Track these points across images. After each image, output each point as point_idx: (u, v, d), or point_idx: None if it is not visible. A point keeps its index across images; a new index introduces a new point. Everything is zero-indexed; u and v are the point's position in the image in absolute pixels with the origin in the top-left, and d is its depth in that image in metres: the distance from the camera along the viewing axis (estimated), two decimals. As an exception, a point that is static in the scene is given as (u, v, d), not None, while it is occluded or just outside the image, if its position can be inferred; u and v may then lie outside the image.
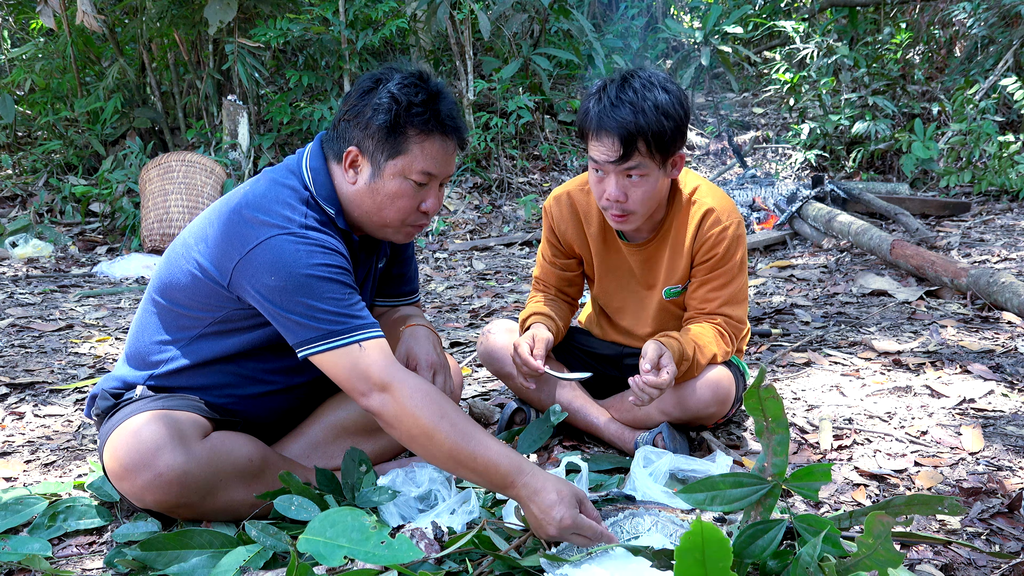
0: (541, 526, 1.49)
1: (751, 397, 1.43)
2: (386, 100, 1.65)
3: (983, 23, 7.44)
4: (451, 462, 1.55)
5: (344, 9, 6.79)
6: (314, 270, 1.60)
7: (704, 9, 8.26)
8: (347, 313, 1.60)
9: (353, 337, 1.59)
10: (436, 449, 1.54)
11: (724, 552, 1.14)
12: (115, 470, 1.61)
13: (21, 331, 3.68)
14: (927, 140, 6.63)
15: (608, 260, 2.18)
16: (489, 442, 1.54)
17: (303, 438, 1.95)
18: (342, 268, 1.64)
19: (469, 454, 1.52)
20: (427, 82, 1.69)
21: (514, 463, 1.52)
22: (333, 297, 1.60)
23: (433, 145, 1.67)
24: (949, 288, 3.71)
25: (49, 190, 6.57)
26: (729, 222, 2.04)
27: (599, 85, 1.93)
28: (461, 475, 1.57)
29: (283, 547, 1.53)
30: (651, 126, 1.86)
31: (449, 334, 3.52)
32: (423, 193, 1.71)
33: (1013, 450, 2.02)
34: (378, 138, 1.66)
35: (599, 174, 1.94)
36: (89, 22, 6.02)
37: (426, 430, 1.54)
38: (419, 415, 1.54)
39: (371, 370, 1.57)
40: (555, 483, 1.50)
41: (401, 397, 1.56)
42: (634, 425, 2.14)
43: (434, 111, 1.67)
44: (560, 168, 7.37)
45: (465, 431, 1.54)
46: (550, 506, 1.47)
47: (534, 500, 1.49)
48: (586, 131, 1.92)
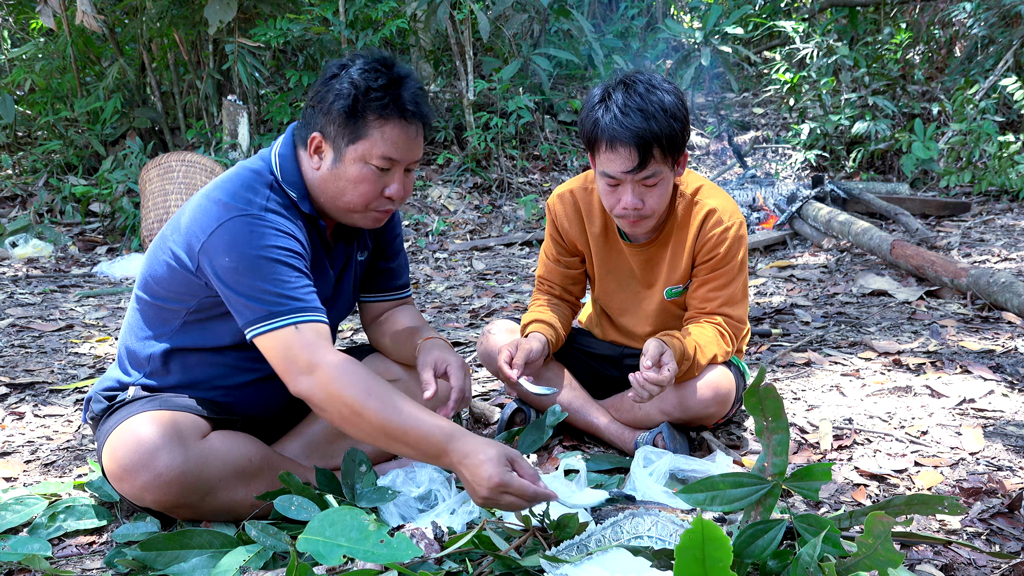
0: (474, 490, 1.48)
1: (751, 397, 1.43)
2: (346, 86, 1.65)
3: (983, 23, 7.44)
4: (384, 438, 1.54)
5: (344, 9, 6.79)
6: (264, 251, 1.61)
7: (704, 9, 8.26)
8: (289, 295, 1.60)
9: (291, 319, 1.58)
10: (367, 426, 1.53)
11: (724, 551, 1.14)
12: (114, 471, 1.61)
13: (21, 331, 3.68)
14: (927, 140, 6.63)
15: (609, 260, 2.18)
16: (420, 414, 1.54)
17: (303, 438, 1.95)
18: (294, 252, 1.64)
19: (400, 428, 1.52)
20: (389, 67, 1.68)
21: (445, 431, 1.52)
22: (280, 279, 1.60)
23: (393, 130, 1.66)
24: (949, 288, 3.71)
25: (49, 190, 6.57)
26: (731, 222, 2.04)
27: (601, 93, 1.90)
28: (395, 450, 1.56)
29: (283, 547, 1.53)
30: (663, 131, 1.85)
31: (449, 334, 3.52)
32: (386, 178, 1.70)
33: (1013, 450, 2.02)
34: (339, 123, 1.66)
35: (611, 185, 1.92)
36: (89, 22, 6.02)
37: (355, 408, 1.53)
38: (346, 394, 1.53)
39: (300, 353, 1.56)
40: (485, 445, 1.49)
41: (328, 378, 1.55)
42: (634, 425, 2.14)
43: (394, 96, 1.65)
44: (560, 168, 7.37)
45: (395, 405, 1.53)
46: (478, 466, 1.46)
47: (465, 464, 1.49)
48: (596, 142, 1.89)
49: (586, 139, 1.93)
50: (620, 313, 2.26)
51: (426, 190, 6.89)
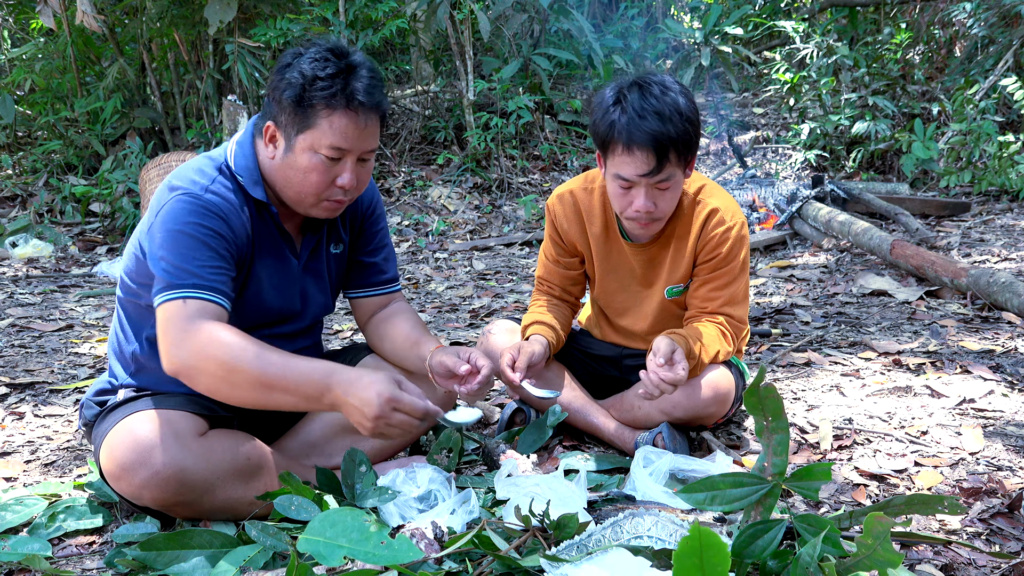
0: (364, 415, 1.48)
1: (751, 397, 1.43)
2: (296, 75, 1.64)
3: (983, 23, 7.44)
4: (263, 390, 1.52)
5: (344, 9, 6.79)
6: (185, 227, 1.61)
7: (704, 9, 8.26)
8: (191, 271, 1.59)
9: (182, 293, 1.57)
10: (243, 381, 1.51)
11: (722, 556, 1.14)
12: (112, 470, 1.61)
13: (21, 331, 3.68)
14: (927, 140, 6.63)
15: (610, 260, 2.18)
16: (296, 360, 1.53)
17: (302, 437, 1.95)
18: (216, 232, 1.64)
19: (277, 375, 1.51)
20: (340, 56, 1.66)
21: (324, 368, 1.52)
22: (190, 255, 1.60)
23: (341, 119, 1.64)
24: (949, 288, 3.71)
25: (49, 190, 6.57)
26: (733, 222, 2.05)
27: (615, 94, 1.89)
28: (278, 403, 1.54)
29: (283, 547, 1.53)
30: (679, 134, 1.85)
31: (449, 334, 3.52)
32: (337, 168, 1.68)
33: (1013, 450, 2.02)
34: (289, 112, 1.65)
35: (623, 187, 1.91)
36: (89, 22, 6.02)
37: (227, 366, 1.51)
38: (216, 354, 1.52)
39: (178, 322, 1.55)
40: (369, 371, 1.51)
41: (198, 344, 1.53)
42: (634, 425, 2.14)
43: (342, 85, 1.63)
44: (560, 168, 7.37)
45: (268, 357, 1.52)
46: (366, 387, 1.47)
47: (351, 392, 1.49)
48: (611, 144, 1.88)
49: (600, 141, 1.92)
50: (620, 313, 2.26)
51: (426, 190, 6.89)
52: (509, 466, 1.84)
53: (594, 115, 1.93)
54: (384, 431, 1.53)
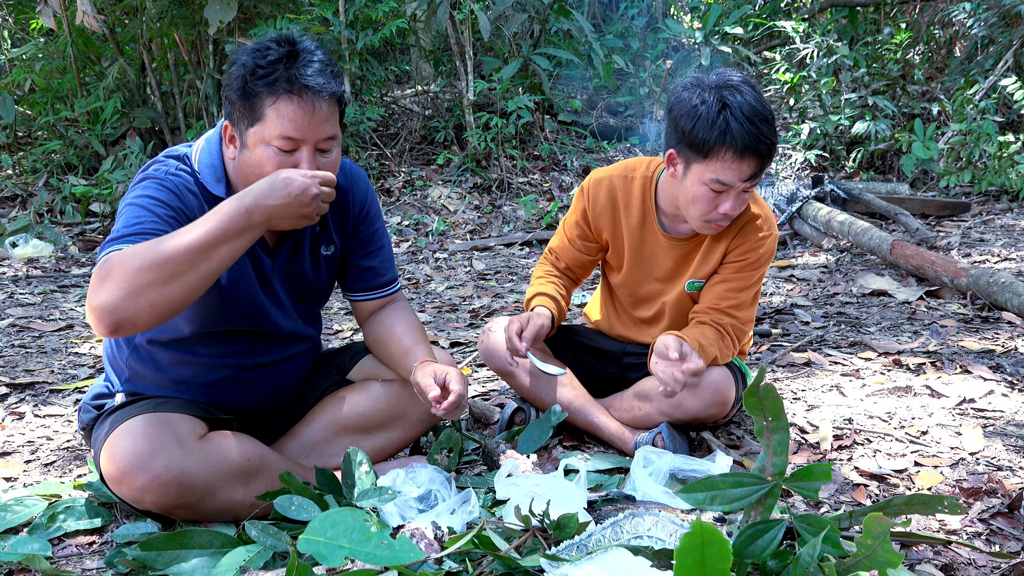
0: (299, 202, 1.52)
1: (751, 397, 1.43)
2: (239, 68, 1.60)
3: (983, 23, 7.44)
4: (200, 257, 1.47)
5: (344, 9, 6.79)
6: (136, 199, 1.60)
7: (704, 9, 8.26)
8: (125, 231, 1.55)
9: (107, 250, 1.51)
10: (179, 264, 1.45)
11: (724, 553, 1.14)
12: (113, 474, 1.60)
13: (21, 331, 3.67)
14: (927, 140, 6.63)
15: (643, 251, 2.18)
16: (207, 216, 1.51)
17: (301, 438, 1.95)
18: (162, 202, 1.61)
19: (204, 234, 1.47)
20: (285, 43, 1.60)
21: (233, 197, 1.52)
22: (132, 220, 1.57)
23: (287, 107, 1.57)
24: (949, 288, 3.71)
25: (49, 190, 6.57)
26: (769, 232, 2.08)
27: (716, 100, 1.86)
28: (222, 257, 1.49)
29: (283, 547, 1.53)
30: (776, 139, 1.89)
31: (449, 334, 3.52)
32: (293, 160, 1.60)
33: (1013, 450, 2.02)
34: (238, 107, 1.61)
35: (716, 191, 1.91)
36: (89, 22, 6.02)
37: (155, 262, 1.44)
38: (135, 265, 1.44)
39: (94, 276, 1.47)
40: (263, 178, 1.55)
41: (112, 275, 1.44)
42: (634, 425, 2.14)
43: (284, 69, 1.56)
44: (560, 168, 7.37)
45: (179, 233, 1.48)
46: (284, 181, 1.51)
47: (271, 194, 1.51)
48: (719, 150, 1.86)
49: (703, 146, 1.87)
50: (639, 304, 2.25)
51: (426, 190, 6.89)
52: (509, 466, 1.84)
53: (689, 121, 1.88)
54: (320, 209, 1.55)
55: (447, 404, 1.73)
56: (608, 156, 7.69)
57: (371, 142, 7.33)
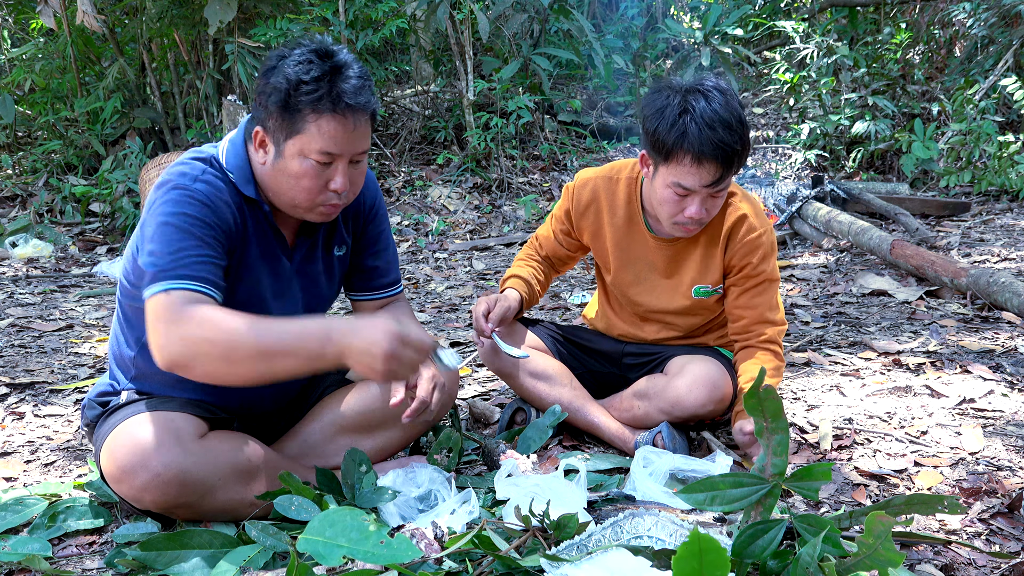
0: (373, 355, 1.45)
1: (751, 398, 1.43)
2: (280, 80, 1.60)
3: (983, 23, 7.44)
4: (264, 359, 1.48)
5: (344, 9, 6.79)
6: (172, 218, 1.59)
7: (704, 9, 8.25)
8: (177, 260, 1.55)
9: (168, 284, 1.53)
10: (242, 356, 1.47)
11: (722, 561, 1.15)
12: (113, 472, 1.61)
13: (21, 331, 3.67)
14: (927, 140, 6.63)
15: (631, 251, 2.17)
16: (290, 322, 1.50)
17: (301, 438, 1.95)
18: (203, 222, 1.60)
19: (275, 339, 1.47)
20: (326, 57, 1.62)
21: (322, 323, 1.50)
22: (177, 245, 1.56)
23: (329, 123, 1.60)
24: (949, 288, 3.71)
25: (49, 190, 6.57)
26: (762, 229, 2.08)
27: (680, 103, 1.87)
28: (281, 368, 1.49)
29: (283, 547, 1.53)
30: (743, 144, 1.87)
31: (449, 334, 3.52)
32: (329, 172, 1.65)
33: (1013, 450, 2.02)
34: (276, 117, 1.62)
35: (680, 195, 1.92)
36: (89, 22, 6.02)
37: (222, 344, 1.47)
38: (209, 336, 1.47)
39: (166, 312, 1.50)
40: (366, 317, 1.51)
41: (189, 328, 1.48)
42: (634, 424, 2.14)
43: (328, 88, 1.59)
44: (560, 168, 7.37)
45: (262, 325, 1.49)
46: (371, 328, 1.46)
47: (355, 336, 1.46)
48: (678, 154, 1.86)
49: (663, 149, 1.89)
50: (636, 304, 2.25)
51: (426, 190, 6.89)
52: (509, 466, 1.84)
53: (654, 122, 1.90)
54: (396, 369, 1.49)
55: (410, 412, 1.73)
56: (608, 156, 7.68)
57: (371, 142, 7.33)
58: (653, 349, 2.27)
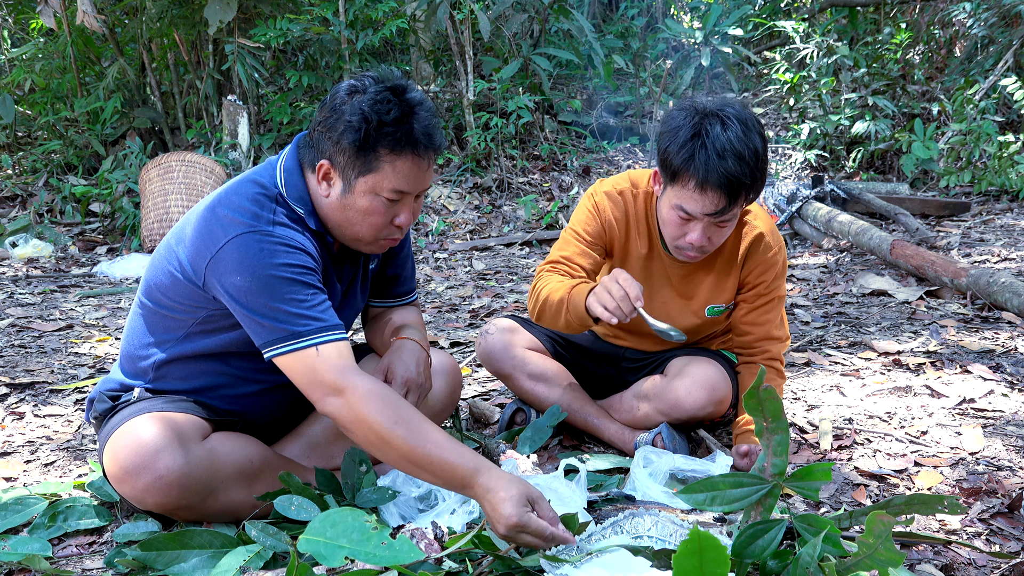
0: (495, 525, 1.47)
1: (751, 399, 1.43)
2: (357, 118, 1.60)
3: (983, 23, 7.44)
4: (408, 465, 1.53)
5: (344, 9, 6.79)
6: (277, 270, 1.58)
7: (704, 9, 8.25)
8: (308, 315, 1.58)
9: (312, 340, 1.56)
10: (393, 452, 1.53)
11: (722, 559, 1.15)
12: (115, 473, 1.61)
13: (21, 331, 3.67)
14: (927, 140, 6.63)
15: (648, 268, 2.13)
16: (445, 444, 1.52)
17: (303, 438, 1.95)
18: (306, 268, 1.62)
19: (425, 456, 1.51)
20: (401, 96, 1.63)
21: (470, 464, 1.51)
22: (295, 298, 1.58)
23: (405, 163, 1.62)
24: (949, 288, 3.71)
25: (49, 190, 6.57)
26: (777, 247, 2.07)
27: (693, 124, 1.80)
28: (418, 476, 1.55)
29: (283, 547, 1.53)
30: (754, 179, 1.81)
31: (449, 334, 3.51)
32: (396, 208, 1.68)
33: (1013, 450, 2.02)
34: (349, 154, 1.62)
35: (683, 219, 1.87)
36: (89, 22, 6.02)
37: (381, 435, 1.52)
38: (372, 420, 1.52)
39: (326, 375, 1.55)
40: (508, 481, 1.48)
41: (354, 402, 1.53)
42: (633, 425, 2.14)
43: (406, 130, 1.60)
44: (560, 168, 7.37)
45: (421, 433, 1.52)
46: (500, 503, 1.45)
47: (487, 498, 1.48)
48: (682, 177, 1.81)
49: (670, 169, 1.84)
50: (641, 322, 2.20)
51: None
52: (509, 466, 1.84)
53: (667, 140, 1.84)
54: (515, 539, 1.49)
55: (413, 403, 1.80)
56: (608, 156, 7.68)
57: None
58: (652, 353, 2.26)
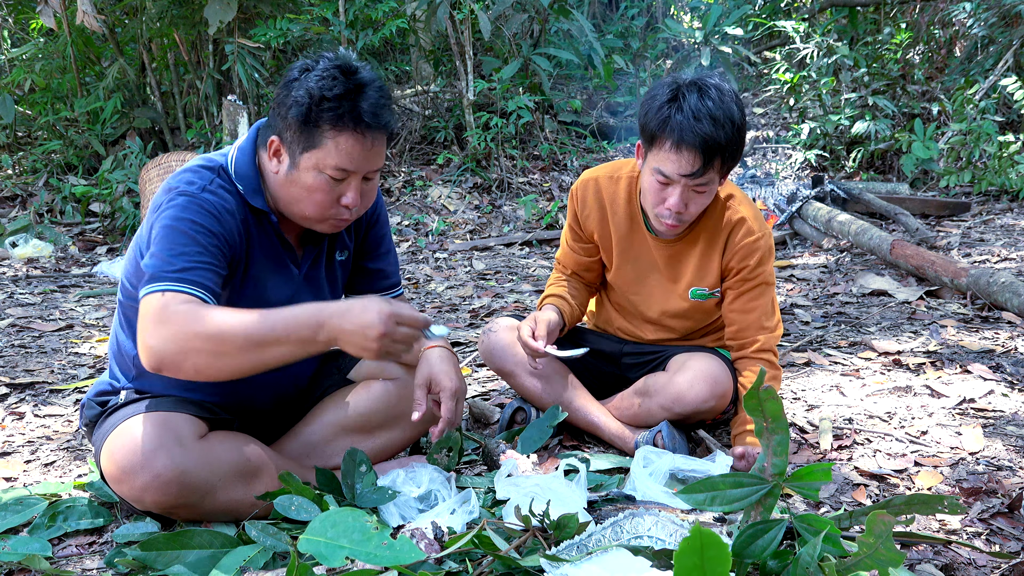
0: (366, 336, 1.47)
1: (751, 399, 1.43)
2: (302, 93, 1.61)
3: (983, 23, 7.44)
4: (256, 349, 1.48)
5: (344, 9, 6.79)
6: (179, 223, 1.59)
7: (704, 9, 8.25)
8: (175, 264, 1.55)
9: (163, 286, 1.53)
10: (233, 347, 1.47)
11: (723, 556, 1.14)
12: (113, 473, 1.61)
13: (21, 331, 3.67)
14: (927, 140, 6.63)
15: (631, 250, 2.18)
16: (279, 311, 1.51)
17: (302, 438, 1.95)
18: (209, 230, 1.61)
19: (266, 328, 1.48)
20: (350, 74, 1.63)
21: (312, 307, 1.50)
22: (177, 249, 1.57)
23: (348, 140, 1.61)
24: (949, 288, 3.71)
25: (49, 190, 6.57)
26: (761, 232, 2.08)
27: (671, 90, 1.89)
28: (275, 357, 1.50)
29: (283, 547, 1.53)
30: (729, 141, 1.86)
31: (449, 334, 3.51)
32: (341, 187, 1.66)
33: (1013, 450, 2.02)
34: (294, 130, 1.63)
35: (661, 183, 1.93)
36: (89, 22, 6.02)
37: (211, 337, 1.46)
38: (197, 330, 1.47)
39: (151, 316, 1.50)
40: (356, 299, 1.51)
41: (176, 326, 1.47)
42: (634, 423, 2.14)
43: (350, 106, 1.60)
44: (560, 168, 7.37)
45: (250, 316, 1.49)
46: (363, 309, 1.47)
47: (347, 318, 1.47)
48: (659, 139, 1.89)
49: (648, 133, 1.92)
50: (635, 303, 2.25)
51: (426, 190, 6.89)
52: (509, 466, 1.84)
53: (645, 107, 1.93)
54: (390, 349, 1.50)
55: (437, 434, 1.83)
56: (608, 156, 7.68)
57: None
58: (652, 348, 2.27)
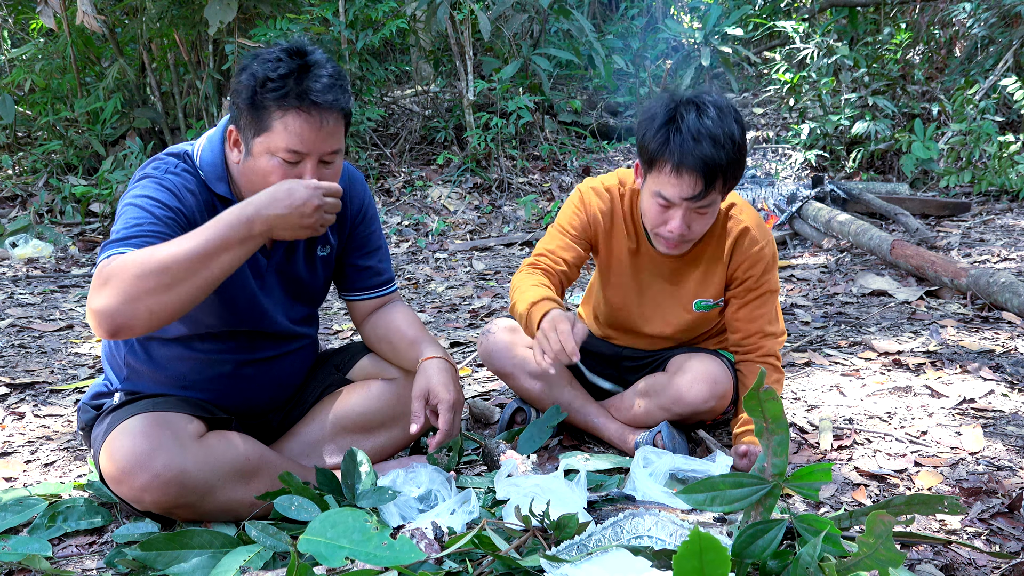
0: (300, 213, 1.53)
1: (751, 400, 1.43)
2: (248, 77, 1.61)
3: (983, 23, 7.44)
4: (202, 263, 1.48)
5: (344, 9, 6.79)
6: (137, 199, 1.61)
7: (704, 9, 8.25)
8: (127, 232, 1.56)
9: (106, 254, 1.53)
10: (181, 270, 1.46)
11: (722, 560, 1.15)
12: (112, 474, 1.61)
13: (21, 331, 3.67)
14: (927, 140, 6.63)
15: (635, 263, 2.14)
16: (206, 225, 1.52)
17: (301, 437, 1.95)
18: (166, 206, 1.62)
19: (204, 242, 1.48)
20: (296, 56, 1.61)
21: (237, 206, 1.54)
22: (132, 221, 1.58)
23: (296, 121, 1.59)
24: (949, 288, 3.71)
25: (49, 190, 6.57)
26: (764, 241, 2.06)
27: (669, 110, 1.84)
28: (221, 266, 1.50)
29: (283, 547, 1.53)
30: (730, 162, 1.82)
31: (449, 334, 3.51)
32: (297, 171, 1.63)
33: (1013, 450, 2.02)
34: (245, 115, 1.63)
35: (662, 206, 1.89)
36: (89, 22, 6.02)
37: (157, 270, 1.45)
38: (135, 271, 1.45)
39: (96, 278, 1.49)
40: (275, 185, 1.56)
41: (113, 279, 1.46)
42: (634, 423, 2.14)
43: (294, 84, 1.58)
44: (560, 168, 7.37)
45: (181, 240, 1.50)
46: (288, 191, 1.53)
47: (275, 204, 1.52)
48: (659, 162, 1.84)
49: (647, 156, 1.87)
50: (632, 317, 2.22)
51: (426, 190, 6.89)
52: (509, 466, 1.84)
53: (644, 128, 1.88)
54: (324, 221, 1.56)
55: (434, 445, 1.82)
56: (608, 156, 7.68)
57: (371, 142, 7.33)
58: (651, 353, 2.26)
